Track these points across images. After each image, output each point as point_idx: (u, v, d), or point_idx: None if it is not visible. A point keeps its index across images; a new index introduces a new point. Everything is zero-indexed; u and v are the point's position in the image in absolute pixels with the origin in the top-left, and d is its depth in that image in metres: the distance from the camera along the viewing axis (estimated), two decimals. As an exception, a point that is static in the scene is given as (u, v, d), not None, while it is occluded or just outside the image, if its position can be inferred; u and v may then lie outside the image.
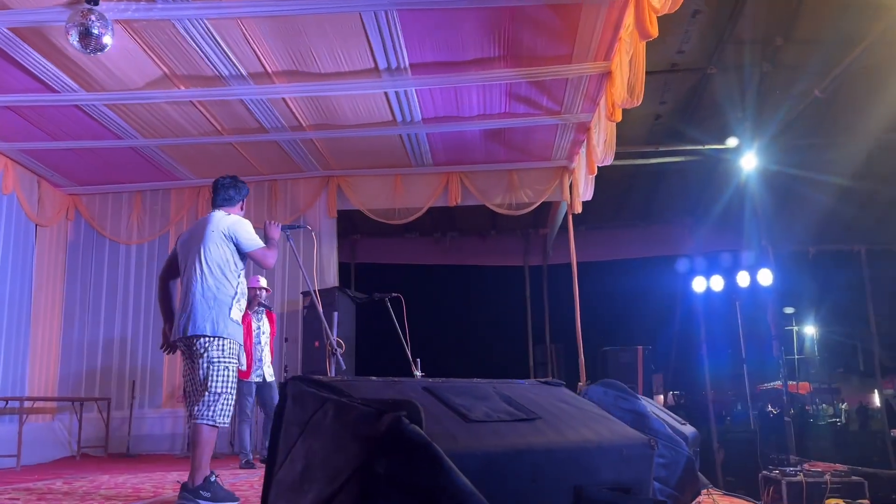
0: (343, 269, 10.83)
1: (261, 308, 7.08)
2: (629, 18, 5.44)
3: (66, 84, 6.47)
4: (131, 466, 7.00)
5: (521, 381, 2.56)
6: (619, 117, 6.34)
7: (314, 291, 4.83)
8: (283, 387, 2.11)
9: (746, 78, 7.46)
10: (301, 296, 8.90)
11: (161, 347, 4.32)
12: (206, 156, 8.44)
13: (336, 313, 5.63)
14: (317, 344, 8.24)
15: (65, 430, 8.75)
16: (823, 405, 12.08)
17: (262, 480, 2.09)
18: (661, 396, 9.96)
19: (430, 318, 9.64)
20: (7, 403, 7.57)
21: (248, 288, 6.43)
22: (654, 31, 4.96)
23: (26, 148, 7.96)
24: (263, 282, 7.18)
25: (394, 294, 5.94)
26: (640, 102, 5.75)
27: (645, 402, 3.47)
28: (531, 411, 2.12)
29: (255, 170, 8.89)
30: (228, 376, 3.95)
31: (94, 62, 6.07)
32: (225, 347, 3.97)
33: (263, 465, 6.17)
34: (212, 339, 3.94)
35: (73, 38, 5.14)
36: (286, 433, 2.01)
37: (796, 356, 11.35)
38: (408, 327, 5.72)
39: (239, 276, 4.15)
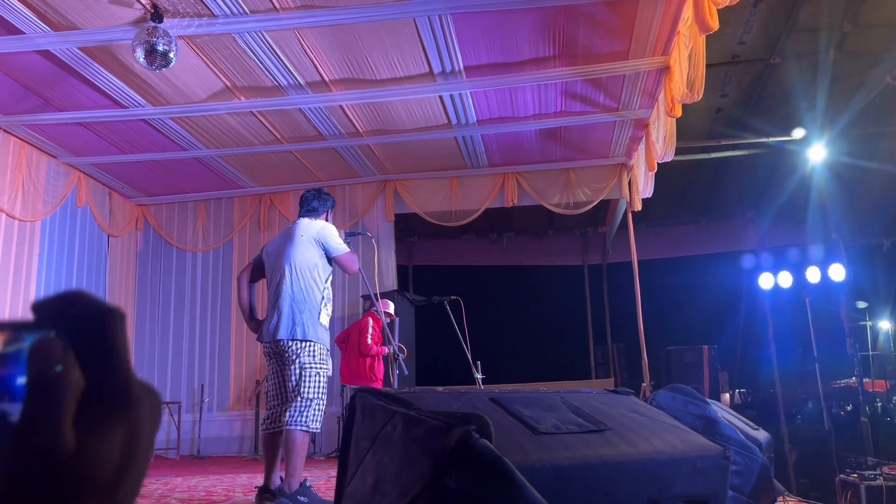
0: (401, 271, 10.92)
1: None
2: (688, 12, 5.32)
3: (133, 100, 6.71)
4: (202, 469, 7.21)
5: (589, 390, 2.52)
6: (678, 113, 6.20)
7: (375, 296, 4.88)
8: (351, 399, 2.14)
9: (818, 67, 7.17)
10: (361, 299, 9.01)
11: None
12: (267, 164, 8.64)
13: (397, 318, 5.66)
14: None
15: (138, 432, 9.08)
16: (900, 403, 11.55)
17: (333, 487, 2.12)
18: (727, 395, 9.70)
19: (488, 320, 9.63)
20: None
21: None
22: (715, 24, 4.84)
23: (97, 162, 8.30)
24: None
25: (453, 297, 5.94)
26: (700, 97, 5.61)
27: (715, 406, 3.36)
28: (601, 422, 2.09)
29: (314, 176, 9.05)
30: (320, 381, 3.96)
31: (160, 77, 6.29)
32: (315, 352, 3.98)
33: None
34: (302, 343, 3.95)
35: (140, 56, 5.32)
36: (356, 446, 2.03)
37: (871, 352, 10.88)
38: (467, 329, 5.72)
39: (327, 281, 4.14)
